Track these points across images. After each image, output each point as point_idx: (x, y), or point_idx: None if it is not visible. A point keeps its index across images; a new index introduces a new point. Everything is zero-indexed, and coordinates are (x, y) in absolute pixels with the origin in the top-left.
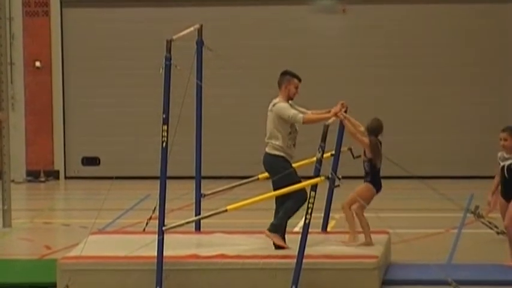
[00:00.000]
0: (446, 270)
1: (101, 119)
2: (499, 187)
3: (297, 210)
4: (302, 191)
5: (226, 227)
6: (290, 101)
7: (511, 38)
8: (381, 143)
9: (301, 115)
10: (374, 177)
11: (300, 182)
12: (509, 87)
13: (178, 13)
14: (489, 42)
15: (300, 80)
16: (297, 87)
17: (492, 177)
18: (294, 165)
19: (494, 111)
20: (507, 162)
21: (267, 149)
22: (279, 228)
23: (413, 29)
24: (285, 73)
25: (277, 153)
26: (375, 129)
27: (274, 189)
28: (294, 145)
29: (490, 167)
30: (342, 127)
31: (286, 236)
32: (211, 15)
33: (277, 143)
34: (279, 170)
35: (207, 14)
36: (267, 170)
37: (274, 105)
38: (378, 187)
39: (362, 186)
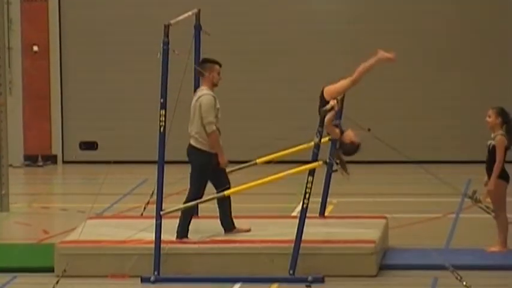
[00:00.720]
0: (443, 255)
1: (98, 103)
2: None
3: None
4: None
5: None
6: (214, 88)
7: (507, 23)
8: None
9: (213, 127)
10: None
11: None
12: (507, 71)
13: None
14: (488, 27)
15: (220, 65)
16: (219, 73)
17: None
18: (291, 149)
19: (492, 95)
20: (488, 142)
21: (191, 141)
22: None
23: (411, 13)
24: (204, 61)
25: (199, 146)
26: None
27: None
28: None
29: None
30: (340, 112)
31: (283, 220)
32: None
33: (200, 134)
34: (197, 162)
35: None
36: (189, 161)
37: (199, 98)
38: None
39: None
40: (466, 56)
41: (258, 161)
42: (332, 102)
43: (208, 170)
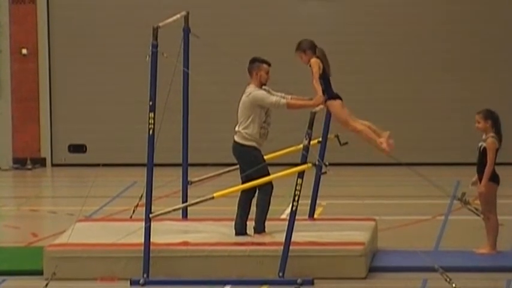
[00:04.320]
0: (433, 257)
1: (87, 106)
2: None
3: (270, 201)
4: (269, 185)
5: (213, 214)
6: (264, 87)
7: (497, 27)
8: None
9: (284, 100)
10: (329, 92)
11: (268, 174)
12: (495, 73)
13: (166, 0)
14: (478, 31)
15: (269, 65)
16: (267, 73)
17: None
18: (281, 152)
19: (480, 97)
20: (479, 144)
21: (237, 138)
22: (262, 225)
23: (401, 16)
24: (253, 60)
25: (247, 143)
26: (312, 46)
27: (243, 178)
28: (267, 134)
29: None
30: (328, 114)
31: (272, 222)
32: (199, 2)
33: (248, 131)
34: (251, 160)
35: (194, 1)
36: (237, 160)
37: (250, 93)
38: (338, 98)
39: (332, 108)
40: (456, 60)
41: None
42: (321, 106)
43: (262, 156)
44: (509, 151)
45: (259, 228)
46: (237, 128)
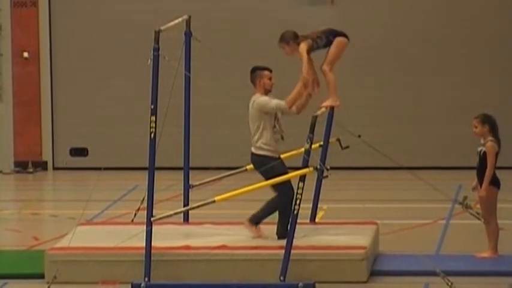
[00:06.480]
0: (434, 261)
1: (89, 109)
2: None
3: (280, 208)
4: (289, 189)
5: (214, 218)
6: (269, 94)
7: (493, 29)
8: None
9: (283, 101)
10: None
11: (289, 182)
12: (496, 78)
13: (167, 4)
14: (474, 34)
15: (270, 71)
16: (270, 79)
17: None
18: (282, 156)
19: (482, 102)
20: (479, 149)
21: (254, 150)
22: (259, 220)
23: (403, 19)
24: (254, 69)
25: (265, 153)
26: (295, 37)
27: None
28: (282, 138)
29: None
30: (330, 118)
31: (274, 226)
32: (200, 6)
33: (263, 140)
34: (271, 170)
35: (196, 5)
36: (258, 171)
37: (253, 102)
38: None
39: (337, 44)
40: (455, 63)
41: (248, 167)
42: (323, 109)
43: (284, 166)
44: (510, 155)
45: (254, 220)
46: (252, 140)
